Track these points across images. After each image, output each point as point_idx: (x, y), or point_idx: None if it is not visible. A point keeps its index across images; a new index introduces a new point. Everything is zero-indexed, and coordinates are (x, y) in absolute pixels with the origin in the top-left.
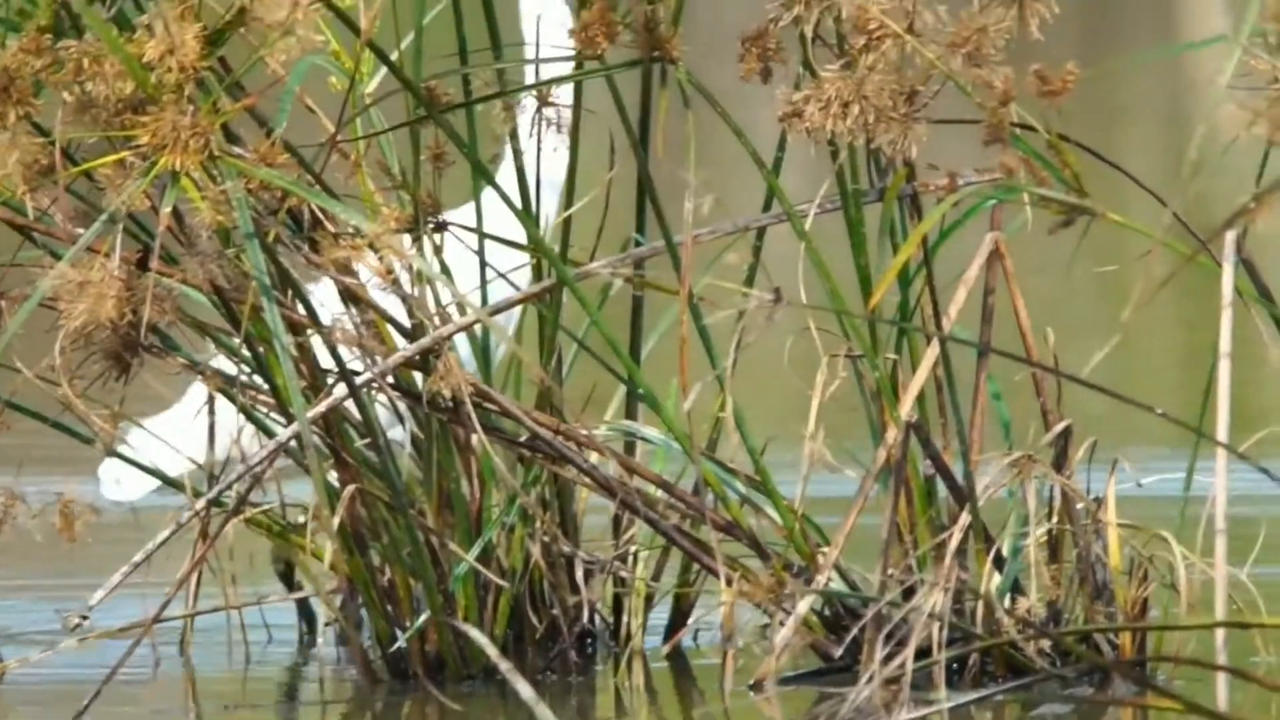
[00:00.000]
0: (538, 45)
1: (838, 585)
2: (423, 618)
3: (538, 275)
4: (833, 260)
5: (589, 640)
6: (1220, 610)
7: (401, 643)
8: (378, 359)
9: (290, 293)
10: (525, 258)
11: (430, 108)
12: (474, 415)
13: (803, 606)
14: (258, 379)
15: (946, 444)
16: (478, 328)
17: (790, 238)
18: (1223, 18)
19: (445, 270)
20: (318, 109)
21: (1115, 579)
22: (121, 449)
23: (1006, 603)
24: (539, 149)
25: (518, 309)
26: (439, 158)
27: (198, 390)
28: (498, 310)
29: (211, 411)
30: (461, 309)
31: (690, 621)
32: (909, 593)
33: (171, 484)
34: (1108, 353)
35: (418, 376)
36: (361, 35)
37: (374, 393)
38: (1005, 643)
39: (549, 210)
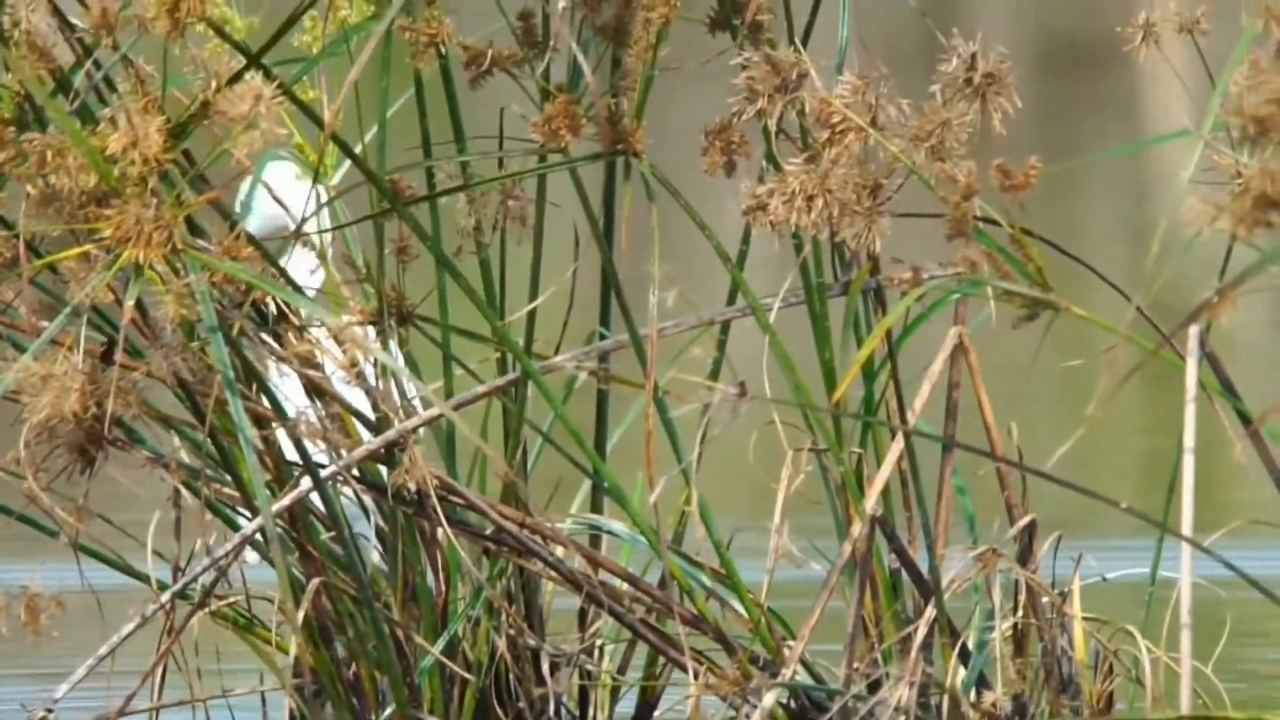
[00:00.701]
0: (501, 138)
1: (804, 678)
2: (388, 711)
3: (502, 369)
4: (797, 354)
5: None
6: (1185, 705)
7: None
8: (342, 452)
9: (255, 386)
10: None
11: (394, 200)
12: (439, 508)
13: (769, 700)
14: (222, 472)
15: (912, 538)
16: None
17: (755, 331)
18: (1186, 112)
19: (410, 364)
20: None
21: (1081, 672)
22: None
23: (972, 696)
24: (503, 239)
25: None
26: (403, 251)
27: None
28: (463, 404)
29: (177, 504)
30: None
31: (656, 714)
32: (875, 686)
33: (136, 576)
34: (1072, 446)
35: (383, 469)
36: (325, 128)
37: (339, 486)
38: None
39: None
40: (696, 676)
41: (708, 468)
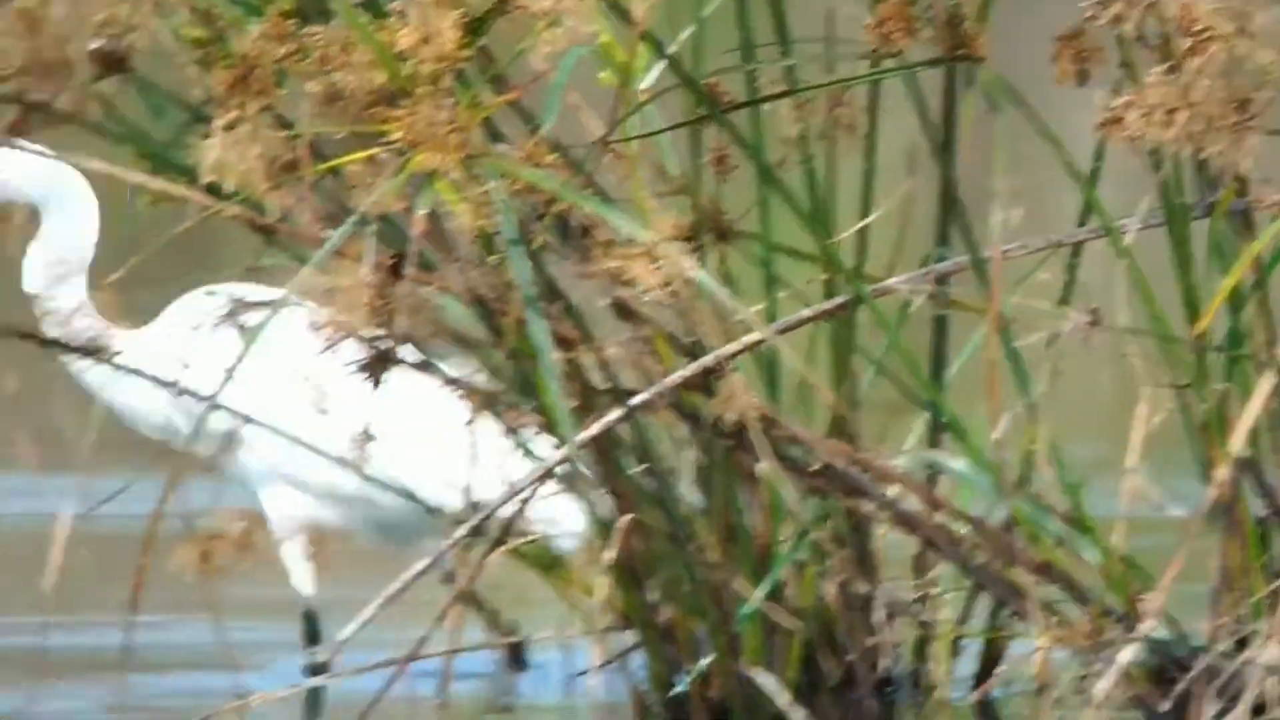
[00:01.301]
0: (830, 41)
1: (1162, 633)
2: (706, 660)
3: (829, 292)
4: (1155, 281)
5: (889, 688)
6: None
7: (682, 687)
8: (655, 379)
9: (558, 305)
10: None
11: (712, 106)
12: (761, 442)
13: (1124, 656)
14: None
15: None
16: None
17: (1108, 255)
18: None
19: (729, 284)
20: (587, 105)
21: None
22: None
23: None
24: (832, 150)
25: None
26: (722, 161)
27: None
28: (787, 329)
29: (472, 432)
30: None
31: (1000, 670)
32: (1242, 643)
33: (429, 510)
34: None
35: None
36: (636, 26)
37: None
38: None
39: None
40: (1045, 629)
41: (1056, 402)
